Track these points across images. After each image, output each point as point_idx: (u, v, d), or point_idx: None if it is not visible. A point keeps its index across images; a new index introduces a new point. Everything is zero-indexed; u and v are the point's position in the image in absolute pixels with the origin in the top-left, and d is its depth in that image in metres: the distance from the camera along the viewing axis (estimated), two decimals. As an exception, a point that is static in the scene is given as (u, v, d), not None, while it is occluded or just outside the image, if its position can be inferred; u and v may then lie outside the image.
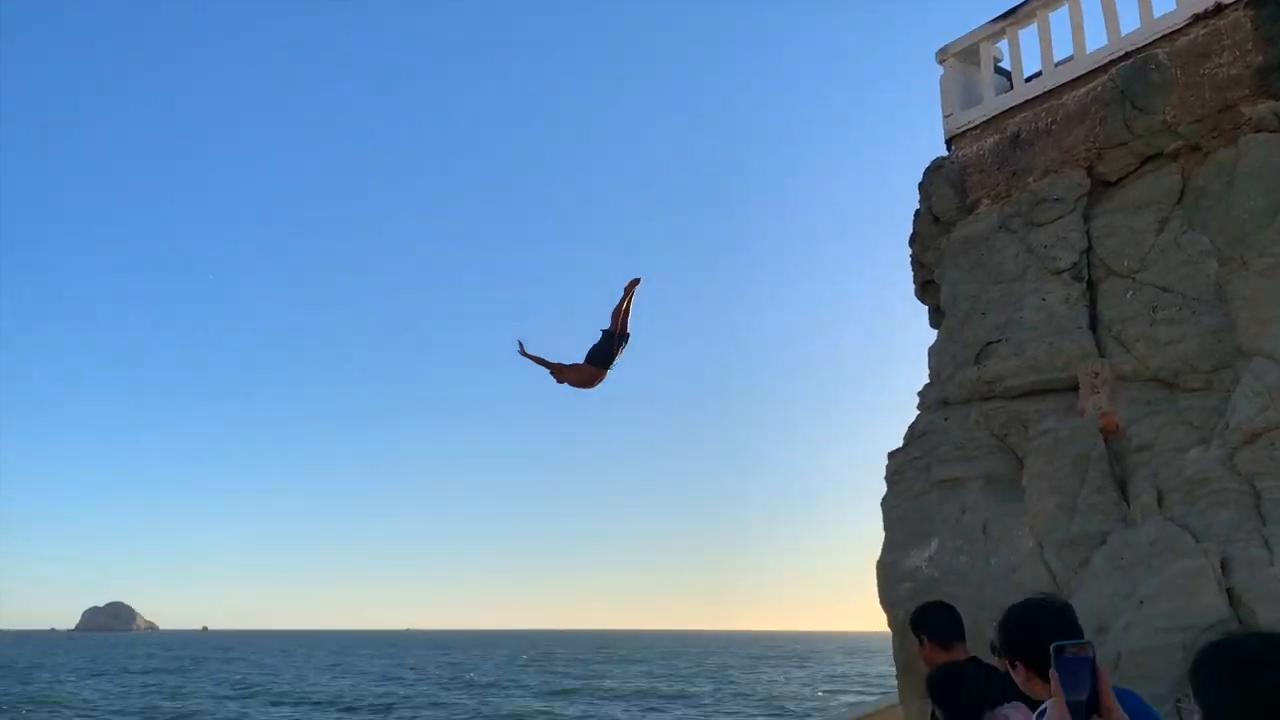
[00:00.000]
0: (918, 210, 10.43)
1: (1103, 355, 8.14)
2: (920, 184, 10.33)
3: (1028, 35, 9.54)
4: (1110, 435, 7.90)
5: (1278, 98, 7.55)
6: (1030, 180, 9.07)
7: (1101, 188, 8.65)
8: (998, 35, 9.83)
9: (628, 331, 7.34)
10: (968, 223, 9.60)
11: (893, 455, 9.69)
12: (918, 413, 9.73)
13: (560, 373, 7.31)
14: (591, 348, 7.36)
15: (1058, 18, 9.23)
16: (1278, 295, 7.14)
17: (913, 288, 10.83)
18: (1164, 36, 8.25)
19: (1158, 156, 8.30)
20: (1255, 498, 6.84)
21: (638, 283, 7.35)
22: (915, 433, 9.56)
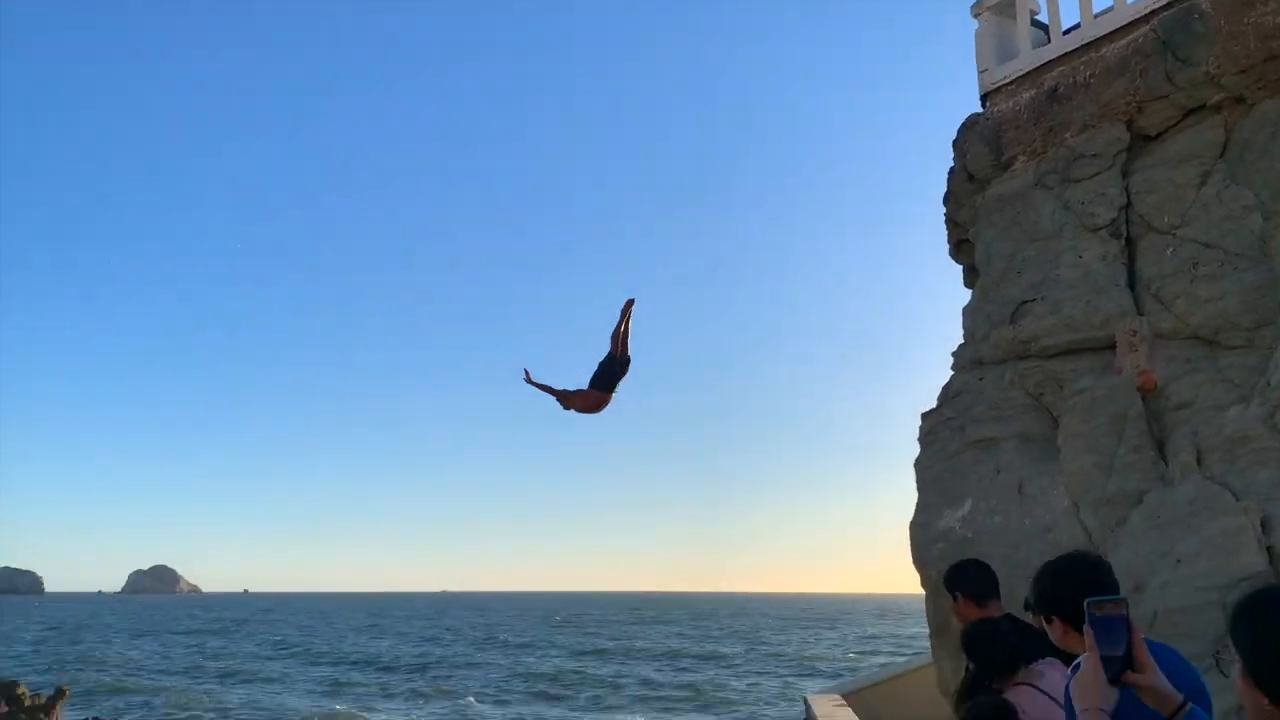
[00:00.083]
0: (952, 168, 10.29)
1: (1141, 313, 8.03)
2: (954, 141, 10.18)
3: (1066, -14, 9.34)
4: (1148, 394, 7.82)
5: (1326, 46, 7.35)
6: (1068, 136, 8.91)
7: (1141, 142, 8.49)
8: (1035, -13, 9.63)
9: (628, 355, 7.46)
10: (1003, 180, 9.47)
11: (926, 416, 9.66)
12: (951, 373, 9.68)
13: (566, 399, 7.48)
14: (594, 372, 7.50)
15: (1097, -33, 9.02)
16: (1323, 250, 7.00)
17: (946, 247, 10.72)
18: (1208, -15, 8.04)
19: (1200, 109, 8.12)
20: (1296, 456, 6.76)
21: (633, 304, 7.44)
22: (949, 393, 9.51)
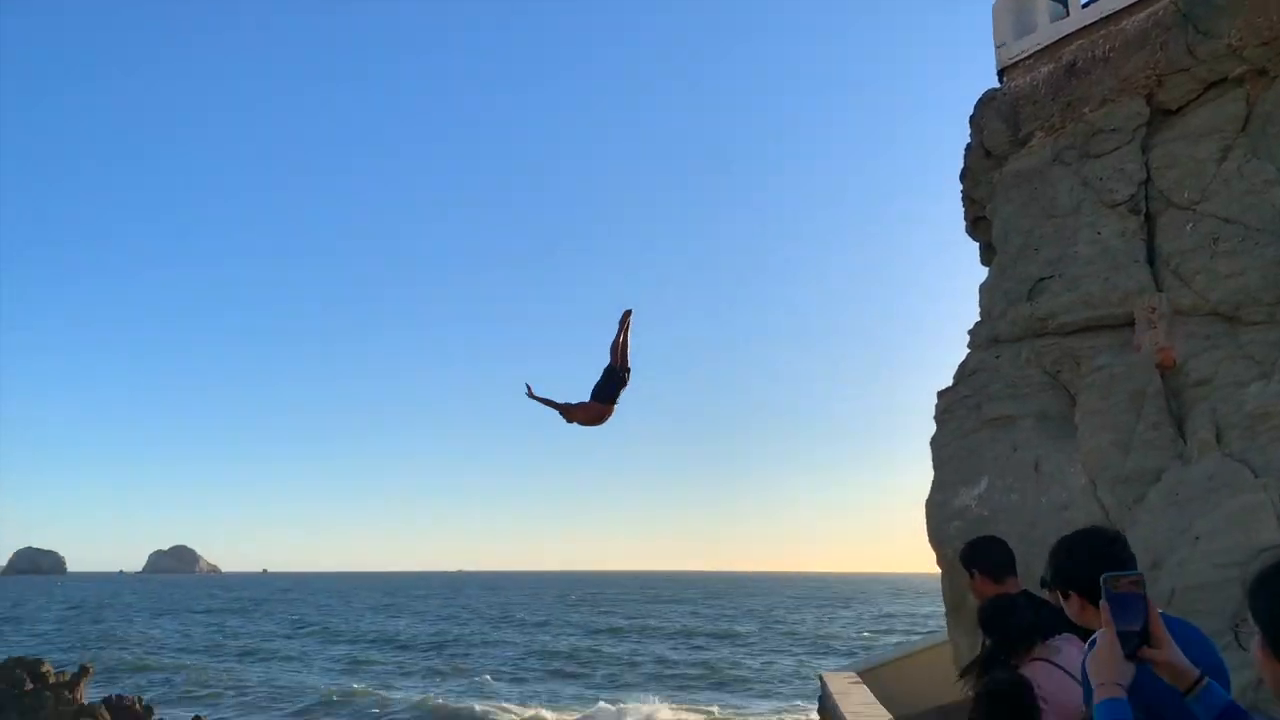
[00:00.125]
0: (968, 144, 10.21)
1: (1160, 290, 7.96)
2: (971, 117, 10.09)
3: (1085, -42, 9.21)
4: (1167, 371, 7.77)
5: (1352, 17, 7.23)
6: (1086, 110, 8.81)
7: (1161, 116, 8.39)
8: (1054, -40, 9.50)
9: (628, 366, 7.48)
10: (1020, 156, 9.38)
11: (942, 394, 9.62)
12: (968, 351, 9.63)
13: (569, 413, 7.53)
14: (595, 385, 7.54)
15: (1117, -61, 8.88)
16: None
17: (963, 224, 10.65)
18: (1230, -45, 7.91)
19: (1221, 82, 8.01)
20: (1318, 433, 6.71)
21: (630, 314, 7.45)
22: (965, 371, 9.47)
